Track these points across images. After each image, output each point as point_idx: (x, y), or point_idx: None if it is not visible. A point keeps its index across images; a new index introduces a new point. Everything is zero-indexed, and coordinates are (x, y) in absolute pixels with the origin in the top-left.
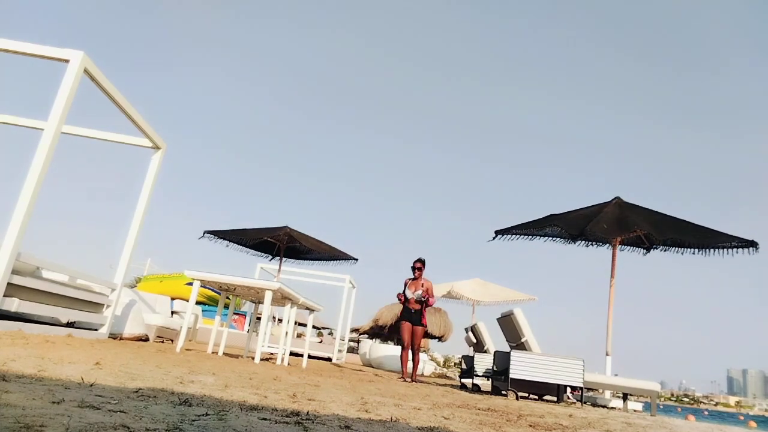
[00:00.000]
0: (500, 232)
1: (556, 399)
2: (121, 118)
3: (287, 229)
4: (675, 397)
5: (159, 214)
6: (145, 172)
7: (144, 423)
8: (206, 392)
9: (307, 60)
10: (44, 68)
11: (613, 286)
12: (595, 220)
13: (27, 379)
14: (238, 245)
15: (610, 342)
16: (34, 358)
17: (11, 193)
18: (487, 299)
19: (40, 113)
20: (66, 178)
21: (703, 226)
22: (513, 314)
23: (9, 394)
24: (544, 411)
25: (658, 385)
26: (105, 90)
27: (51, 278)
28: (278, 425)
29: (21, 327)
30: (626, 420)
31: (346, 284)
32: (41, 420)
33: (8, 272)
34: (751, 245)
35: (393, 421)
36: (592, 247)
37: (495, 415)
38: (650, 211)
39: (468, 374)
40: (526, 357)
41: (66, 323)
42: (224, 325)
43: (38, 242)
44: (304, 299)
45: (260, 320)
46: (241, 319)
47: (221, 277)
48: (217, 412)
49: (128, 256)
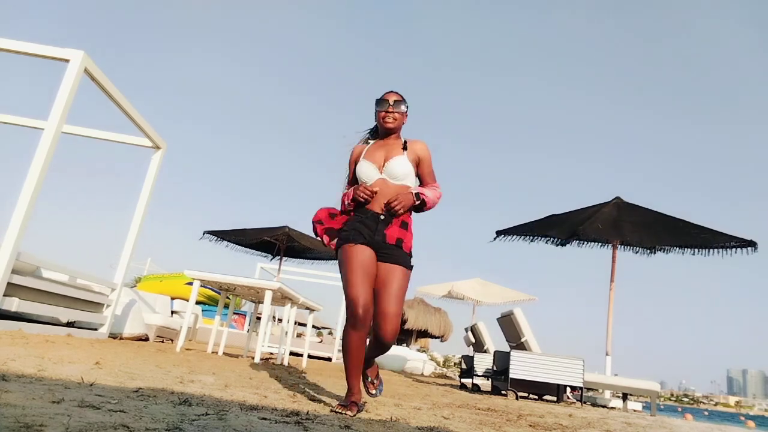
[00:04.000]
0: (501, 233)
1: (556, 399)
2: (122, 118)
3: (287, 229)
4: (675, 397)
5: (159, 214)
6: (145, 171)
7: (144, 423)
8: (206, 392)
9: (308, 58)
10: (45, 68)
11: (614, 286)
12: (591, 220)
13: (27, 378)
14: (238, 245)
15: (610, 342)
16: (34, 357)
17: (11, 193)
18: (488, 299)
19: (40, 113)
20: (66, 177)
21: (703, 226)
22: (513, 314)
23: (9, 394)
24: (544, 411)
25: (658, 385)
26: (105, 90)
27: (51, 278)
28: (278, 425)
29: (21, 327)
30: (626, 420)
31: None
32: (41, 419)
33: (8, 272)
34: (750, 245)
35: (393, 420)
36: (592, 247)
37: (495, 415)
38: (649, 211)
39: (468, 374)
40: (526, 357)
41: (66, 323)
42: (224, 325)
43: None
44: (304, 299)
45: (260, 320)
46: (241, 318)
47: (221, 276)
48: (217, 411)
49: (128, 255)
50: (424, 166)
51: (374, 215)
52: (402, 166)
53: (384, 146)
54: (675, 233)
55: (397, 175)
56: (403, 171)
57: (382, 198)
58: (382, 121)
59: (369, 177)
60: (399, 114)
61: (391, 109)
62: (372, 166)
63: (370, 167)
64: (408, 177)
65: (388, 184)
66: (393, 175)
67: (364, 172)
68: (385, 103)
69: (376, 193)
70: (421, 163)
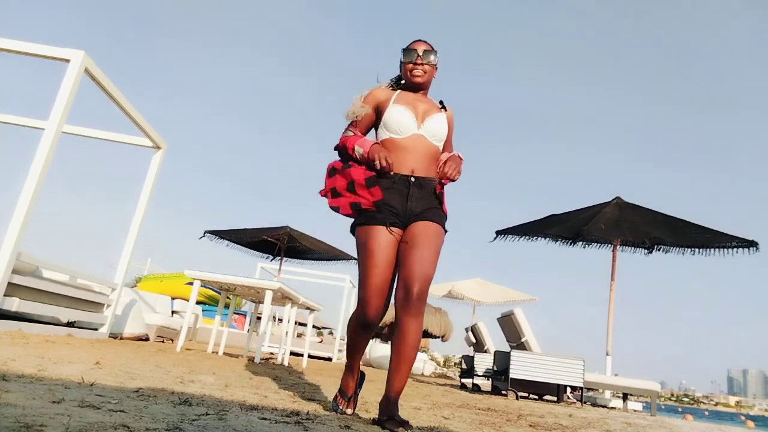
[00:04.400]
0: (501, 233)
1: (556, 399)
2: (122, 118)
3: (287, 229)
4: (675, 397)
5: (159, 214)
6: (146, 171)
7: (144, 423)
8: (206, 392)
9: (311, 52)
10: (45, 68)
11: (614, 286)
12: (594, 221)
13: (27, 378)
14: (239, 245)
15: (610, 342)
16: (34, 357)
17: (12, 193)
18: (488, 299)
19: (41, 113)
20: (67, 177)
21: (704, 226)
22: (513, 314)
23: (9, 394)
24: (544, 411)
25: (658, 385)
26: (105, 90)
27: (51, 278)
28: (278, 425)
29: (21, 327)
30: (626, 420)
31: (346, 284)
32: (41, 419)
33: (9, 272)
34: (752, 245)
35: None
36: (592, 247)
37: (495, 415)
38: (650, 211)
39: (468, 374)
40: (526, 357)
41: (66, 323)
42: (224, 325)
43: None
44: (304, 299)
45: (260, 320)
46: (241, 318)
47: (221, 276)
48: (217, 411)
49: (128, 255)
50: (450, 134)
51: (404, 179)
52: (444, 126)
53: (419, 99)
54: (675, 233)
55: (438, 134)
56: (442, 132)
57: (414, 158)
58: (410, 75)
59: (403, 128)
60: (429, 66)
61: (419, 60)
62: (410, 115)
63: (407, 116)
64: (443, 140)
65: (423, 143)
66: (433, 133)
67: (397, 120)
68: (413, 54)
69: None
70: (448, 131)
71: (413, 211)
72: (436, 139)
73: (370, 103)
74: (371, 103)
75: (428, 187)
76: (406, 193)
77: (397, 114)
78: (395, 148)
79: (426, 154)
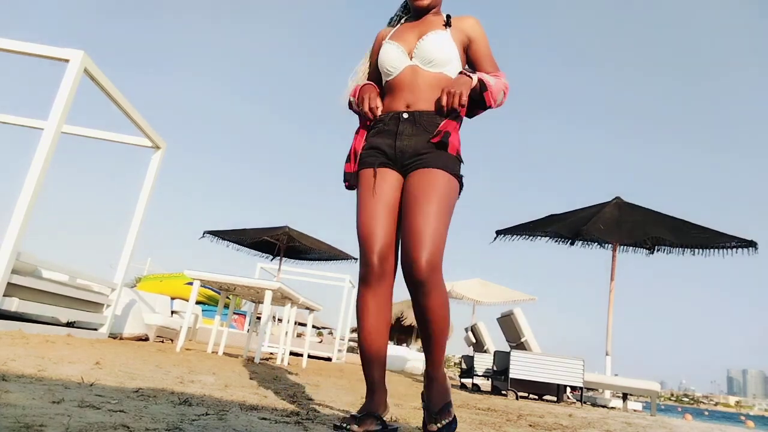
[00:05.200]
0: (501, 233)
1: (556, 399)
2: (121, 118)
3: (287, 229)
4: (675, 397)
5: (159, 214)
6: (145, 171)
7: (144, 423)
8: (206, 392)
9: (309, 56)
10: (45, 68)
11: (614, 286)
12: (593, 221)
13: (27, 378)
14: (238, 245)
15: (610, 342)
16: (34, 357)
17: (11, 193)
18: (488, 299)
19: (41, 113)
20: (67, 177)
21: (704, 227)
22: (513, 314)
23: (9, 394)
24: (544, 411)
25: (658, 385)
26: (105, 90)
27: (51, 278)
28: (278, 425)
29: (21, 327)
30: (626, 420)
31: (346, 284)
32: (41, 420)
33: (8, 272)
34: (751, 245)
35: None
36: (592, 247)
37: (495, 415)
38: (649, 211)
39: (468, 374)
40: (526, 357)
41: (66, 323)
42: (224, 325)
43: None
44: (304, 299)
45: (260, 320)
46: (241, 318)
47: (221, 276)
48: (217, 411)
49: (128, 255)
50: (479, 48)
51: (395, 116)
52: (441, 47)
53: (418, 25)
54: (675, 233)
55: (433, 58)
56: (441, 53)
57: (409, 92)
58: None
59: (394, 65)
60: None
61: None
62: (399, 49)
63: (396, 50)
64: (450, 63)
65: (419, 73)
66: (426, 58)
67: (384, 58)
68: None
69: (378, 108)
70: (472, 44)
71: (405, 152)
72: (433, 65)
73: (374, 54)
74: (374, 53)
75: (426, 122)
76: (395, 131)
77: (384, 52)
78: (389, 90)
79: (426, 84)
